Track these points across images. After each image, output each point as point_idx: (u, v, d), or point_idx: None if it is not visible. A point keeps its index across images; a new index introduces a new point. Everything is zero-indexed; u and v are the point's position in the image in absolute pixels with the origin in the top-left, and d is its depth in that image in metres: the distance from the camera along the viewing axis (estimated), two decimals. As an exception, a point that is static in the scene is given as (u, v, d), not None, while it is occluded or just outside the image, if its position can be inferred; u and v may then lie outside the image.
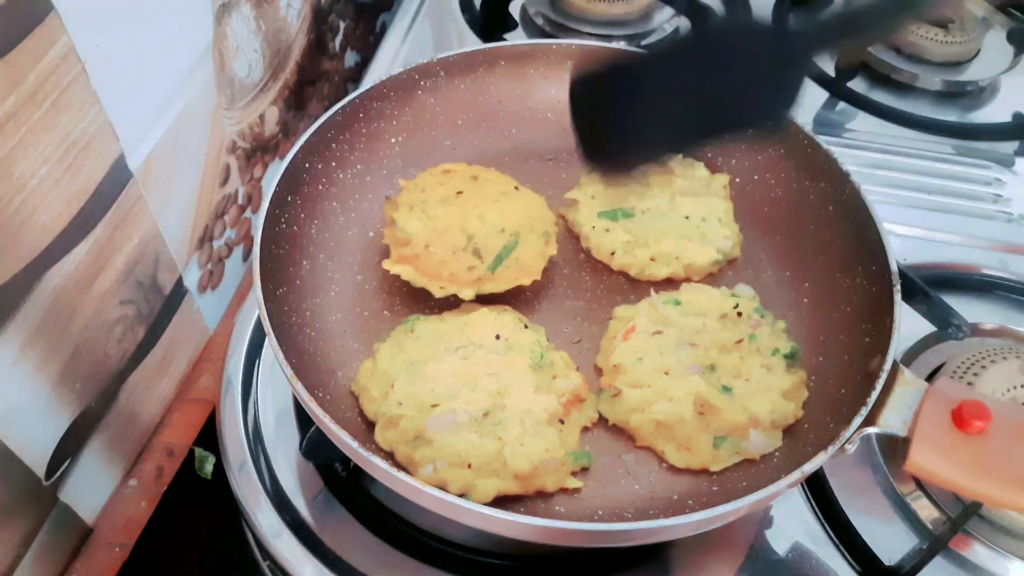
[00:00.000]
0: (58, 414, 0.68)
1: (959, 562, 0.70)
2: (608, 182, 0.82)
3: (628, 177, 0.79)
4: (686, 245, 0.80)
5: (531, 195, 0.82)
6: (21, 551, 0.68)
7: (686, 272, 0.80)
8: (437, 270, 0.75)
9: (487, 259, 0.76)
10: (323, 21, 1.05)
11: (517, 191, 0.82)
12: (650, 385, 0.70)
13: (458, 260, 0.75)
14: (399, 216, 0.77)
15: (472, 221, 0.78)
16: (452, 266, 0.75)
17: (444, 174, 0.81)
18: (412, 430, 0.65)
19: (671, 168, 0.85)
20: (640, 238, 0.80)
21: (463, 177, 0.81)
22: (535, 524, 0.57)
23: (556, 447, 0.65)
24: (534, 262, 0.77)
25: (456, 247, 0.76)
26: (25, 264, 0.61)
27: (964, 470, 0.59)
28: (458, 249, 0.76)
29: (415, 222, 0.77)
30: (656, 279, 0.80)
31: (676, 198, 0.82)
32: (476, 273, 0.75)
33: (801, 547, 0.71)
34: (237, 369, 0.82)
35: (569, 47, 0.90)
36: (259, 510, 0.72)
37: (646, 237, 0.80)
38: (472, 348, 0.70)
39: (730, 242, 0.81)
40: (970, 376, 0.75)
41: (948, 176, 1.01)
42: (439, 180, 0.81)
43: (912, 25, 1.11)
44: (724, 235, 0.81)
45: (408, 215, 0.77)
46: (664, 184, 0.84)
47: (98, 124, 0.65)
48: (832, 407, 0.68)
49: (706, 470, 0.67)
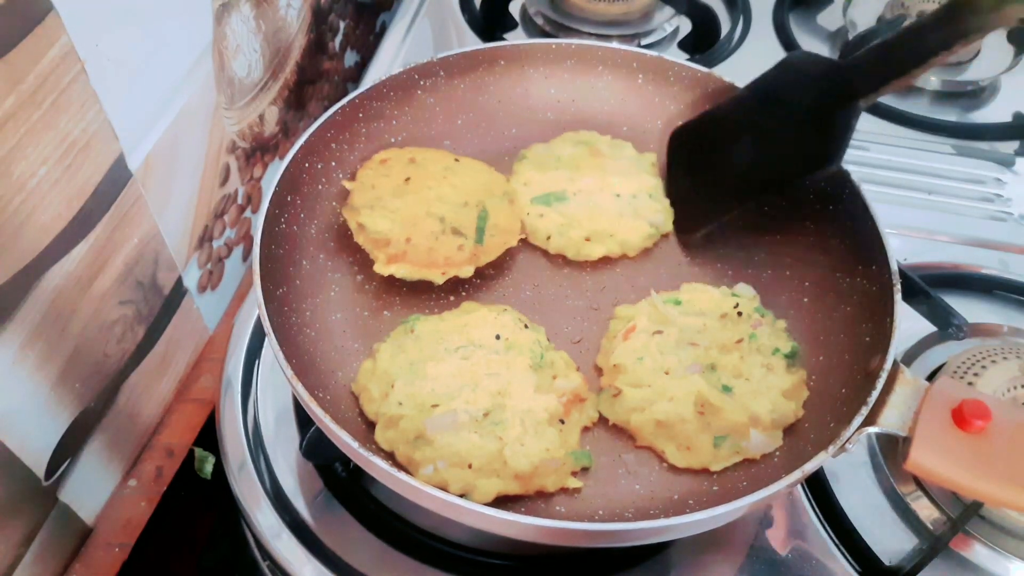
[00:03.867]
0: (58, 414, 0.68)
1: (959, 562, 0.70)
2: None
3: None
4: (619, 222, 0.81)
5: (473, 163, 0.83)
6: (21, 551, 0.68)
7: (622, 249, 0.82)
8: (429, 258, 0.75)
9: (469, 233, 0.77)
10: (323, 21, 1.05)
11: (458, 163, 0.82)
12: (650, 385, 0.69)
13: (443, 243, 0.76)
14: (365, 219, 0.76)
15: (434, 204, 0.78)
16: (441, 251, 0.75)
17: (382, 164, 0.81)
18: (412, 430, 0.65)
19: (600, 150, 0.86)
20: (574, 220, 0.82)
21: (401, 163, 0.81)
22: (536, 524, 0.57)
23: (556, 447, 0.65)
24: (511, 222, 0.79)
25: (435, 232, 0.76)
26: (25, 264, 0.61)
27: (964, 469, 0.59)
28: (438, 233, 0.76)
29: (383, 220, 0.76)
30: (592, 259, 0.81)
31: (607, 178, 0.84)
32: (467, 250, 0.76)
33: (801, 547, 0.71)
34: (237, 369, 0.82)
35: (569, 46, 0.90)
36: (259, 510, 0.72)
37: (580, 218, 0.82)
38: (472, 348, 0.70)
39: (662, 216, 0.83)
40: (970, 376, 0.75)
41: (948, 176, 1.01)
42: (381, 172, 0.80)
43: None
44: (655, 210, 0.83)
45: (372, 216, 0.76)
46: (594, 166, 0.85)
47: (98, 124, 0.65)
48: (832, 406, 0.68)
49: (707, 470, 0.67)
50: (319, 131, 0.79)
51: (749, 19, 1.19)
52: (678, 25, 1.18)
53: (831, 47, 1.17)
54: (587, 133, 0.88)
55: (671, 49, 1.16)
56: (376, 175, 0.80)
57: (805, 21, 1.21)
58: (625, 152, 0.87)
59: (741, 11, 1.20)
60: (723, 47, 1.15)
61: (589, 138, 0.87)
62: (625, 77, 0.91)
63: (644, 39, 1.16)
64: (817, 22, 1.22)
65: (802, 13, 1.22)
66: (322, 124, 0.79)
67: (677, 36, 1.18)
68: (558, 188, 0.83)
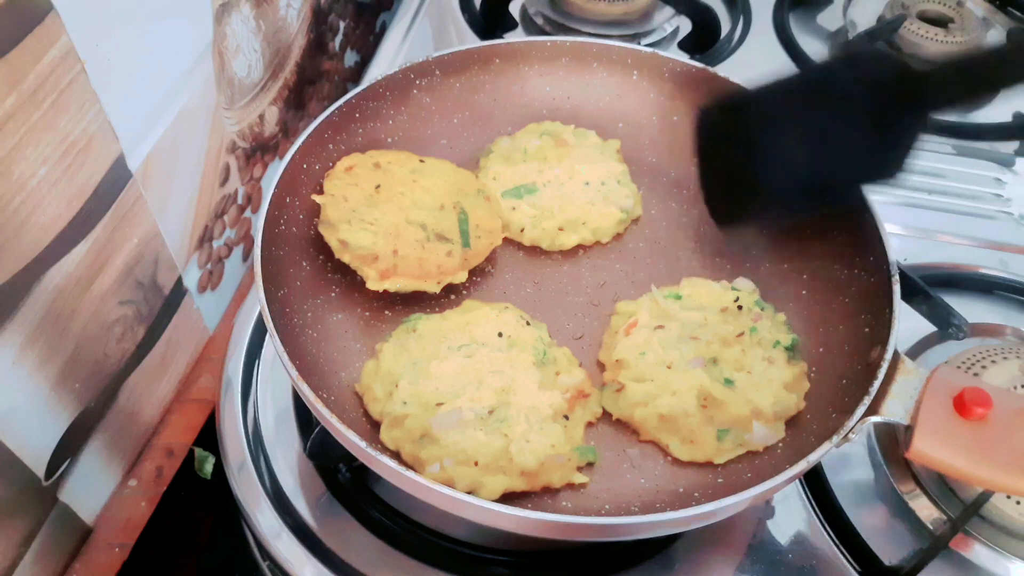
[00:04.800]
0: (58, 414, 0.68)
1: (959, 562, 0.70)
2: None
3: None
4: (590, 209, 0.82)
5: (438, 163, 0.83)
6: (21, 551, 0.68)
7: (595, 236, 0.83)
8: (421, 269, 0.74)
9: (454, 238, 0.76)
10: (323, 21, 1.05)
11: (424, 164, 0.82)
12: (653, 379, 0.70)
13: (432, 251, 0.75)
14: (346, 235, 0.74)
15: (411, 210, 0.77)
16: (431, 259, 0.75)
17: (348, 172, 0.79)
18: (418, 429, 0.65)
19: (566, 140, 0.87)
20: (546, 211, 0.82)
21: (367, 169, 0.80)
22: (544, 519, 0.57)
23: (562, 443, 0.65)
24: (492, 221, 0.79)
25: (420, 240, 0.75)
26: (25, 264, 0.61)
27: (966, 456, 0.60)
28: (423, 241, 0.75)
29: (364, 235, 0.74)
30: (566, 248, 0.82)
31: (574, 167, 0.84)
32: (456, 255, 0.75)
33: (801, 547, 0.71)
34: (237, 369, 0.82)
35: (564, 44, 0.90)
36: (259, 510, 0.72)
37: (551, 208, 0.82)
38: (475, 346, 0.70)
39: (631, 200, 0.84)
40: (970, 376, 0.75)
41: (948, 176, 1.01)
42: (349, 182, 0.78)
43: (912, 24, 1.11)
44: (625, 195, 0.84)
45: (353, 231, 0.74)
46: (561, 156, 0.85)
47: (98, 124, 0.65)
48: (834, 397, 0.68)
49: (711, 463, 0.67)
50: (316, 132, 0.79)
51: (749, 19, 1.19)
52: (678, 25, 1.18)
53: (831, 47, 1.18)
54: (551, 124, 0.89)
55: (671, 49, 1.16)
56: (345, 185, 0.78)
57: (805, 21, 1.21)
58: (589, 140, 0.88)
59: (741, 11, 1.20)
60: (723, 47, 1.15)
61: (553, 128, 0.88)
62: (620, 73, 0.91)
63: (644, 39, 1.16)
64: (817, 22, 1.22)
65: (802, 13, 1.22)
66: (319, 125, 0.79)
67: (677, 36, 1.18)
68: (528, 180, 0.84)
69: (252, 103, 0.90)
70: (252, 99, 0.89)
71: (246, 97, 0.88)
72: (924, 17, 1.12)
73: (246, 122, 0.89)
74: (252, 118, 0.90)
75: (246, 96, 0.88)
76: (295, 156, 0.76)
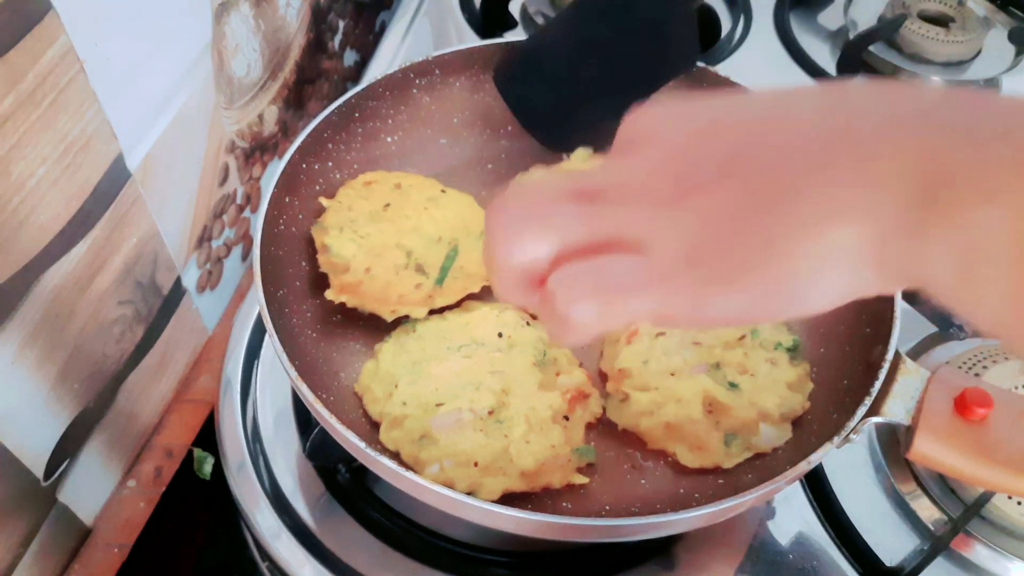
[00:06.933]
0: (56, 414, 0.68)
1: (960, 563, 0.70)
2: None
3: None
4: None
5: (459, 196, 0.81)
6: (20, 551, 0.68)
7: None
8: (384, 293, 0.72)
9: (432, 273, 0.74)
10: (322, 20, 1.05)
11: (444, 194, 0.80)
12: (657, 387, 0.69)
13: (402, 280, 0.73)
14: (331, 240, 0.74)
15: (407, 235, 0.75)
16: (398, 287, 0.72)
17: (366, 186, 0.79)
18: (417, 430, 0.65)
19: None
20: None
21: (386, 187, 0.79)
22: (543, 520, 0.57)
23: (561, 444, 0.65)
24: (479, 268, 0.76)
25: (398, 266, 0.74)
26: (23, 264, 0.61)
27: (967, 457, 0.60)
28: (400, 268, 0.74)
29: (349, 244, 0.74)
30: None
31: None
32: (424, 290, 0.73)
33: (802, 548, 0.71)
34: (236, 369, 0.81)
35: (565, 43, 0.90)
36: (258, 511, 0.72)
37: None
38: (475, 346, 0.70)
39: None
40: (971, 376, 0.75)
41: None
42: (362, 194, 0.78)
43: (913, 24, 1.11)
44: None
45: (340, 238, 0.74)
46: None
47: (96, 124, 0.65)
48: (835, 398, 0.68)
49: (719, 468, 0.67)
50: (315, 132, 0.78)
51: (750, 19, 1.19)
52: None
53: (832, 47, 1.17)
54: None
55: (671, 49, 1.16)
56: (356, 196, 0.77)
57: (806, 20, 1.21)
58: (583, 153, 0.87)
59: (741, 10, 1.20)
60: (723, 47, 1.15)
61: None
62: (620, 73, 0.90)
63: (644, 39, 1.16)
64: (818, 21, 1.22)
65: (803, 13, 1.21)
66: (318, 125, 0.79)
67: (677, 36, 1.18)
68: None
69: (251, 102, 0.89)
70: (251, 98, 0.89)
71: (245, 96, 0.88)
72: (925, 16, 1.12)
73: (245, 121, 0.89)
74: (251, 117, 0.90)
75: (245, 95, 0.88)
76: (294, 156, 0.76)
